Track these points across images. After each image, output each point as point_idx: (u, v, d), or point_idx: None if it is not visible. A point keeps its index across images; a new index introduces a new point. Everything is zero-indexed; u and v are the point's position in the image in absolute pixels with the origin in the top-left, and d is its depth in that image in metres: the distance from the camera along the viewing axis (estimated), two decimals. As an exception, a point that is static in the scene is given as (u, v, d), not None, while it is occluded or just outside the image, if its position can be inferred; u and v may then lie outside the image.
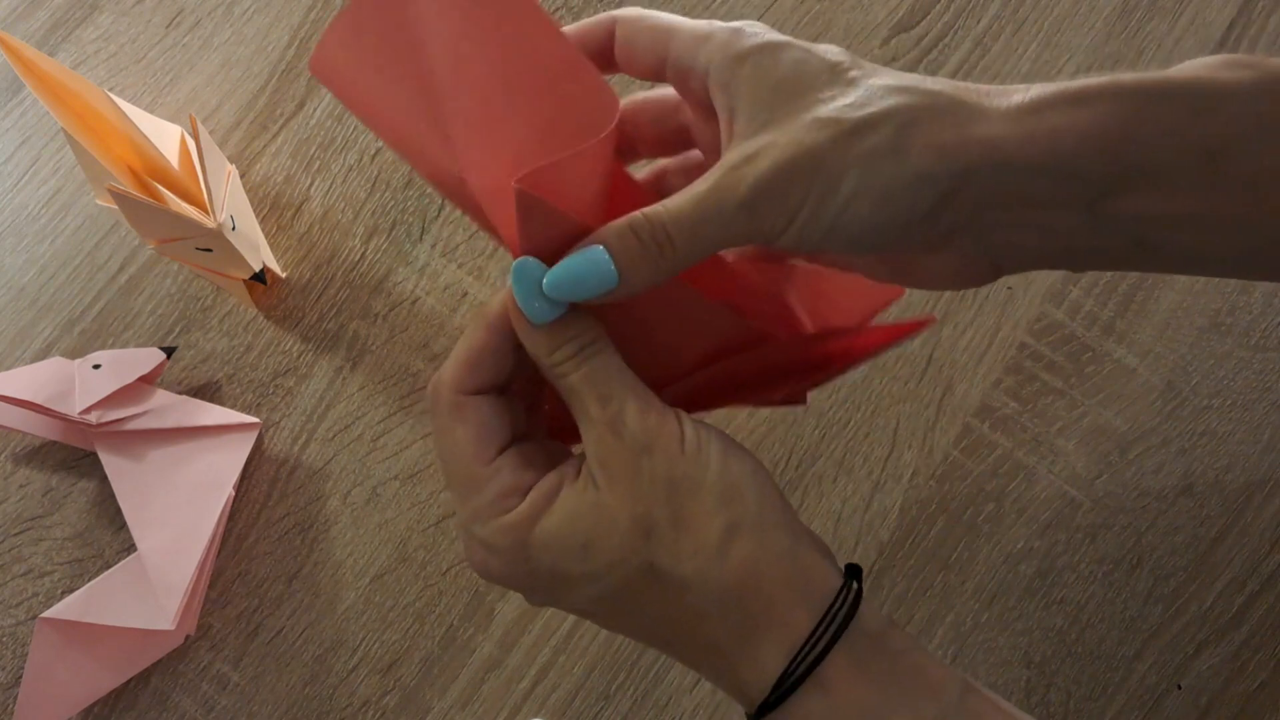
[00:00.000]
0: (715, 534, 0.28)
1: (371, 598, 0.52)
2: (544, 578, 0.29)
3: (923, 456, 0.53)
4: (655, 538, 0.28)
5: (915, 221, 0.27)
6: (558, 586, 0.29)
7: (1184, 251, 0.28)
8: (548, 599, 0.30)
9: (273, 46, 0.59)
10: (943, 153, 0.26)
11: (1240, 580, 0.51)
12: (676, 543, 0.28)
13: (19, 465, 0.54)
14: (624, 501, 0.28)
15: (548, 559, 0.29)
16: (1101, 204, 0.27)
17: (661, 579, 0.28)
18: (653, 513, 0.28)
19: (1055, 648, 0.51)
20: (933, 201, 0.27)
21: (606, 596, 0.29)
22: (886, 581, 0.52)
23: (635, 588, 0.29)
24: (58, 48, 0.60)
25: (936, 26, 0.57)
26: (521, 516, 0.29)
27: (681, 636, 0.29)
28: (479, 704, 0.51)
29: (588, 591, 0.29)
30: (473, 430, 0.30)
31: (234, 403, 0.55)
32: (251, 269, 0.51)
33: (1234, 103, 0.25)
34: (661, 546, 0.28)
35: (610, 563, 0.28)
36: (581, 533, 0.28)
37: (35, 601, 0.53)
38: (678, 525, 0.28)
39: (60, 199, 0.58)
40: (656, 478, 0.28)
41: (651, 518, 0.28)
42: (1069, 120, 0.26)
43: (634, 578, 0.28)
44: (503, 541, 0.29)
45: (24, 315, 0.56)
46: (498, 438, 0.30)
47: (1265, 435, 0.52)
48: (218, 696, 0.52)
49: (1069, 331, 0.54)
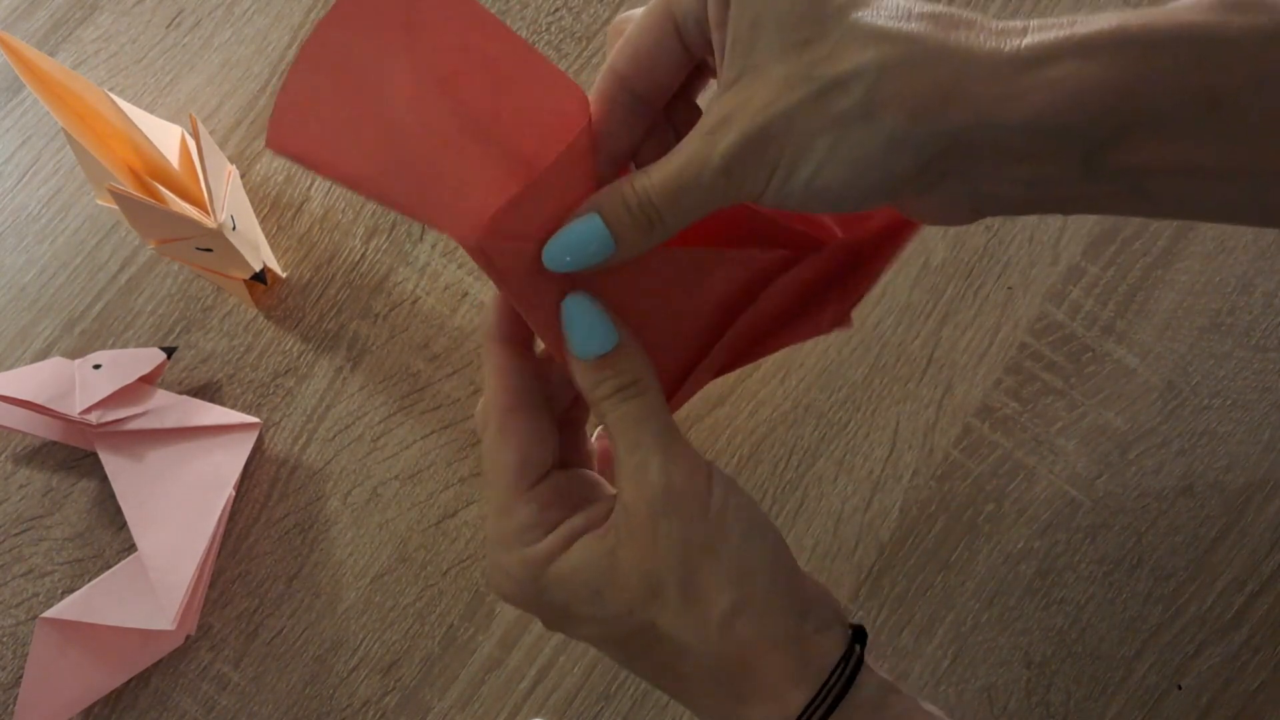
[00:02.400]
0: (720, 610, 0.28)
1: (372, 598, 0.52)
2: (555, 611, 0.30)
3: (923, 456, 0.53)
4: (661, 600, 0.28)
5: (895, 184, 0.26)
6: (567, 622, 0.30)
7: (1179, 198, 0.27)
8: (556, 629, 0.31)
9: (273, 46, 0.59)
10: (917, 115, 0.25)
11: (1240, 580, 0.51)
12: (680, 610, 0.28)
13: (19, 465, 0.54)
14: (638, 557, 0.28)
15: (560, 596, 0.29)
16: (1098, 156, 0.25)
17: (662, 639, 0.29)
18: (663, 574, 0.28)
19: (1055, 648, 0.51)
20: (911, 165, 0.26)
21: (611, 640, 0.30)
22: (887, 582, 0.52)
23: (638, 639, 0.29)
24: (58, 48, 0.60)
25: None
26: (539, 554, 0.29)
27: (680, 691, 0.30)
28: (479, 704, 0.51)
29: (594, 631, 0.30)
30: (516, 456, 0.30)
31: (234, 403, 0.55)
32: (251, 269, 0.51)
33: (1237, 50, 0.24)
34: (666, 610, 0.28)
35: (616, 614, 0.29)
36: (593, 580, 0.29)
37: (35, 601, 0.53)
38: (685, 593, 0.28)
39: (60, 199, 0.58)
40: (673, 538, 0.28)
41: (661, 578, 0.28)
42: (1070, 74, 0.24)
43: (637, 631, 0.29)
44: (520, 572, 0.30)
45: (24, 315, 0.56)
46: (538, 466, 0.31)
47: (1265, 435, 0.52)
48: (218, 696, 0.52)
49: (1069, 331, 0.54)
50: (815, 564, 0.52)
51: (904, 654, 0.51)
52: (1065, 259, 0.55)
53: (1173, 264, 0.54)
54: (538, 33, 0.59)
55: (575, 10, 0.59)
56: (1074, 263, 0.55)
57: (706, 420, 0.53)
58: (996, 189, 0.27)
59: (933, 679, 0.51)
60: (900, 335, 0.54)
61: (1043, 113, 0.24)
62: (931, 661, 0.51)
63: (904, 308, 0.54)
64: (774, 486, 0.53)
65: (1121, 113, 0.25)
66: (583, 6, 0.59)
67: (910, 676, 0.51)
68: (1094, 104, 0.24)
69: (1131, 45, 0.24)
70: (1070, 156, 0.25)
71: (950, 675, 0.51)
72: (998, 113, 0.24)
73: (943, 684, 0.51)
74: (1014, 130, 0.25)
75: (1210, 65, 0.24)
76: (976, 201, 0.28)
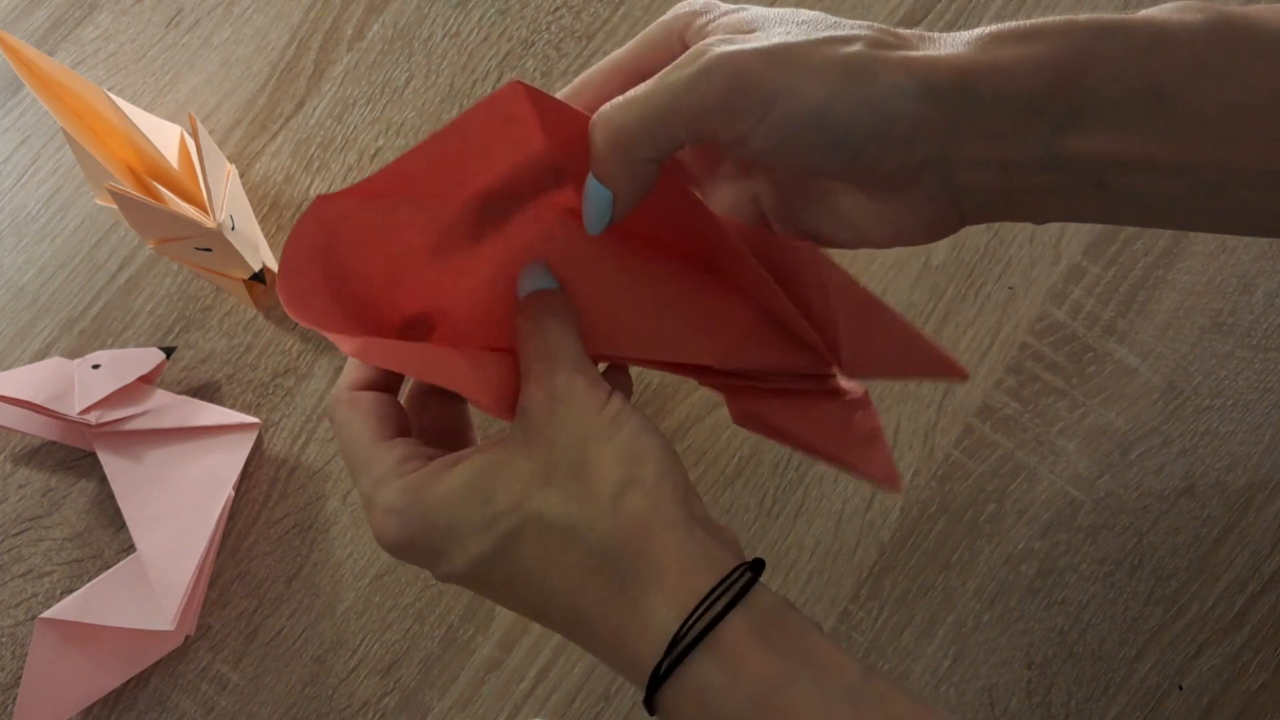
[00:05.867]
0: (610, 484, 0.28)
1: (371, 598, 0.52)
2: (437, 536, 0.29)
3: (924, 457, 0.53)
4: (553, 484, 0.28)
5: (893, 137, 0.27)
6: (449, 545, 0.29)
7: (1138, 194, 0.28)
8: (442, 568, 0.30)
9: (272, 46, 0.59)
10: (912, 69, 0.26)
11: (1242, 581, 0.51)
12: (569, 488, 0.28)
13: (18, 465, 0.54)
14: (533, 451, 0.29)
15: (444, 516, 0.29)
16: (1058, 140, 0.27)
17: (548, 529, 0.28)
18: (555, 458, 0.28)
19: (1056, 648, 0.51)
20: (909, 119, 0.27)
21: (491, 556, 0.29)
22: (888, 582, 0.52)
23: (519, 544, 0.28)
24: (57, 47, 0.60)
25: (938, 26, 0.57)
26: (422, 476, 0.29)
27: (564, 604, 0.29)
28: (479, 704, 0.51)
29: (474, 549, 0.29)
30: (368, 417, 0.31)
31: (234, 403, 0.54)
32: (251, 269, 0.51)
33: (1181, 43, 0.26)
34: (555, 491, 0.28)
35: (502, 511, 0.28)
36: (484, 487, 0.29)
37: (35, 602, 0.53)
38: (576, 472, 0.28)
39: (59, 199, 0.57)
40: (568, 429, 0.29)
41: (554, 463, 0.28)
42: (1025, 51, 0.26)
43: (520, 529, 0.28)
44: (400, 501, 0.29)
45: (23, 315, 0.56)
46: (392, 423, 0.31)
47: (1267, 435, 0.52)
48: (217, 697, 0.52)
49: (1070, 331, 0.54)
50: (815, 564, 0.52)
51: (905, 654, 0.51)
52: (1066, 259, 0.55)
53: (1174, 264, 0.54)
54: (538, 32, 0.59)
55: (575, 10, 0.59)
56: (1075, 262, 0.55)
57: (707, 420, 0.53)
58: (974, 178, 0.28)
59: (933, 679, 0.51)
60: (901, 335, 0.54)
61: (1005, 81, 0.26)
62: (932, 662, 0.51)
63: (905, 307, 0.54)
64: (774, 486, 0.53)
65: (1072, 92, 0.26)
66: (583, 6, 0.59)
67: (911, 677, 0.51)
68: (1047, 79, 0.26)
69: (1078, 33, 0.26)
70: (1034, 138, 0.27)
71: (951, 676, 0.51)
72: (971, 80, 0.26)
73: (943, 685, 0.51)
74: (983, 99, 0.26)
75: (1155, 55, 0.26)
76: (958, 197, 0.29)
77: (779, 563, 0.52)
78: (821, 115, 0.27)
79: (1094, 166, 0.27)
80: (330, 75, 0.59)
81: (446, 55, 0.59)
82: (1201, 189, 0.27)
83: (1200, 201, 0.27)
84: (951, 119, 0.27)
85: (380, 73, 0.59)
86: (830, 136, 0.27)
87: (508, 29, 0.59)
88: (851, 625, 0.51)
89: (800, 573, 0.52)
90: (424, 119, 0.58)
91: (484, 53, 0.59)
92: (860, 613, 0.51)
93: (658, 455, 0.29)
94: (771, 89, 0.26)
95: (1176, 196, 0.27)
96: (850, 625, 0.51)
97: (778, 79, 0.26)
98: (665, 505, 0.28)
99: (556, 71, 0.58)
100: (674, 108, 0.27)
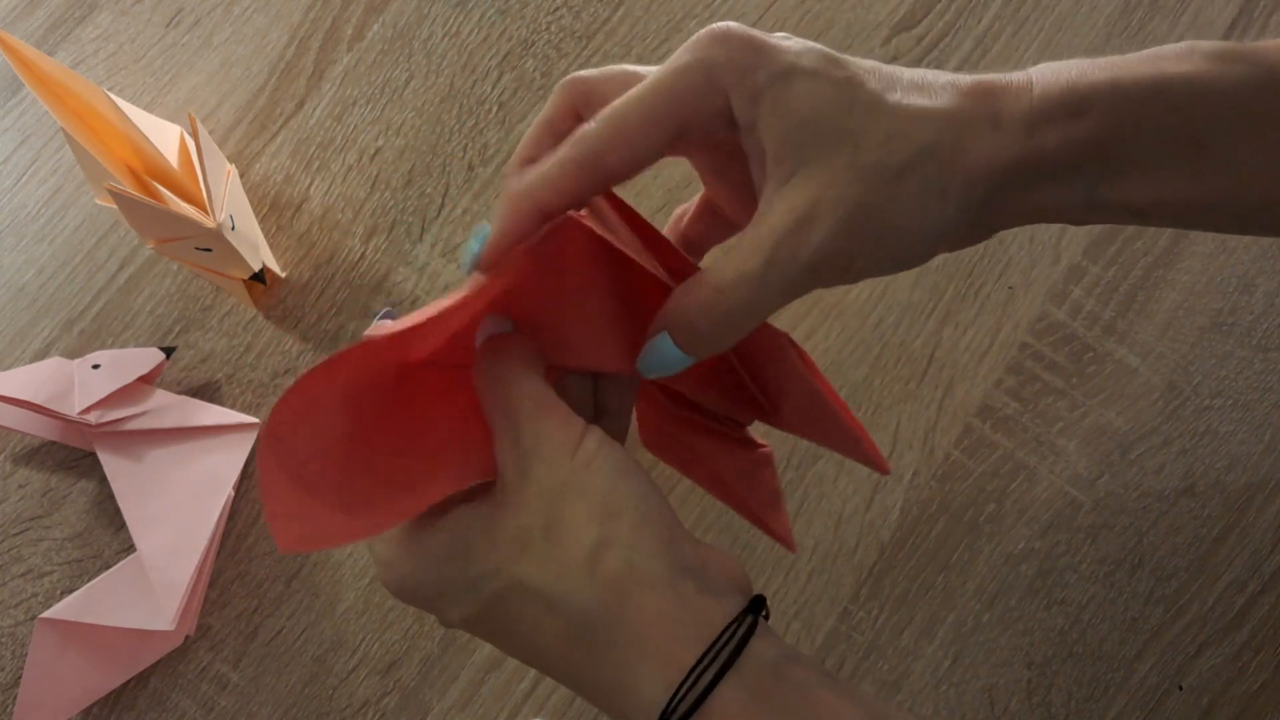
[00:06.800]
0: (585, 546, 0.26)
1: (371, 598, 0.52)
2: (428, 593, 0.29)
3: (924, 457, 0.53)
4: (529, 551, 0.27)
5: (951, 238, 0.30)
6: (440, 603, 0.29)
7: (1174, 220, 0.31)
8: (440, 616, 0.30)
9: (272, 46, 0.59)
10: (973, 181, 0.28)
11: (1242, 581, 0.51)
12: (545, 554, 0.27)
13: (18, 465, 0.54)
14: (511, 514, 0.27)
15: (431, 574, 0.28)
16: (1097, 191, 0.29)
17: (529, 597, 0.27)
18: (529, 522, 0.27)
19: (1056, 648, 0.51)
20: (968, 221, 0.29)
21: (482, 616, 0.28)
22: (887, 582, 0.52)
23: (505, 607, 0.28)
24: (57, 47, 0.60)
25: (938, 26, 0.57)
26: (408, 530, 0.29)
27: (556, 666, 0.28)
28: (479, 704, 0.51)
29: (464, 608, 0.28)
30: None
31: (233, 403, 0.54)
32: (251, 269, 0.51)
33: (1225, 95, 0.28)
34: (532, 559, 0.27)
35: (483, 574, 0.27)
36: (464, 548, 0.28)
37: (35, 602, 0.53)
38: (549, 535, 0.27)
39: (59, 199, 0.57)
40: (542, 487, 0.27)
41: (528, 527, 0.27)
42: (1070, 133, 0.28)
43: (504, 594, 0.27)
44: (388, 553, 0.29)
45: (23, 315, 0.56)
46: None
47: (1267, 435, 0.52)
48: (217, 697, 0.52)
49: (1070, 331, 0.54)
50: (815, 564, 0.52)
51: (905, 654, 0.51)
52: (1066, 258, 0.55)
53: (1174, 264, 0.54)
54: (537, 32, 0.59)
55: (575, 9, 0.59)
56: (1075, 262, 0.55)
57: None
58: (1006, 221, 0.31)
59: (933, 679, 0.51)
60: (901, 335, 0.54)
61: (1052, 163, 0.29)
62: (932, 662, 0.51)
63: (904, 307, 0.54)
64: (774, 487, 0.53)
65: (1117, 159, 0.29)
66: (583, 6, 0.59)
67: (911, 677, 0.51)
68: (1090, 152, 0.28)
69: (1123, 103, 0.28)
70: (1076, 195, 0.29)
71: (951, 676, 0.51)
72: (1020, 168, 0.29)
73: (943, 685, 0.51)
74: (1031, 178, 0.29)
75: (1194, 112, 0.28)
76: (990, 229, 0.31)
77: (779, 563, 0.52)
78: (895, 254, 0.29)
79: (1132, 208, 0.30)
80: (330, 75, 0.59)
81: (446, 55, 0.59)
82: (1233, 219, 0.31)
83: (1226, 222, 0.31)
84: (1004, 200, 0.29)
85: (380, 73, 0.59)
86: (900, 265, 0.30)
87: (508, 29, 0.59)
88: (851, 625, 0.51)
89: (800, 573, 0.52)
90: (424, 119, 0.58)
91: (484, 53, 0.59)
92: (860, 613, 0.51)
93: (635, 504, 0.27)
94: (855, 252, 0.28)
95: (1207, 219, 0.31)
96: (850, 625, 0.51)
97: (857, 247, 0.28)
98: (644, 562, 0.26)
99: (556, 71, 0.58)
100: (768, 311, 0.29)
